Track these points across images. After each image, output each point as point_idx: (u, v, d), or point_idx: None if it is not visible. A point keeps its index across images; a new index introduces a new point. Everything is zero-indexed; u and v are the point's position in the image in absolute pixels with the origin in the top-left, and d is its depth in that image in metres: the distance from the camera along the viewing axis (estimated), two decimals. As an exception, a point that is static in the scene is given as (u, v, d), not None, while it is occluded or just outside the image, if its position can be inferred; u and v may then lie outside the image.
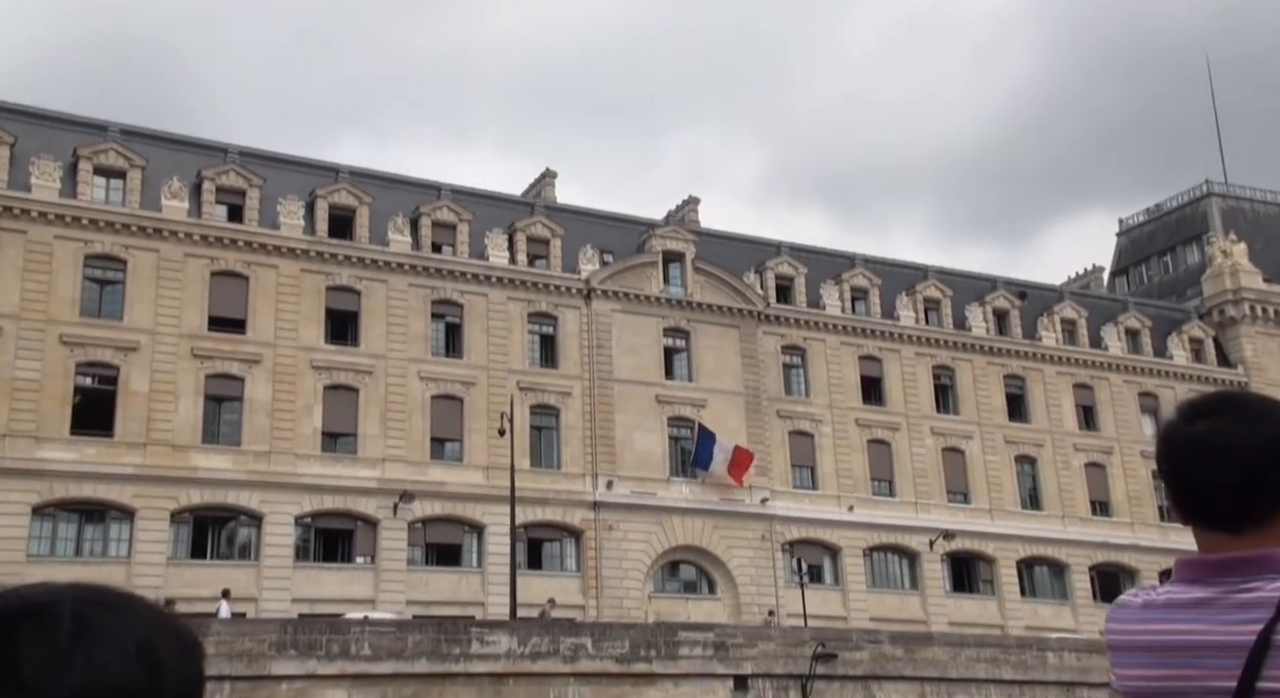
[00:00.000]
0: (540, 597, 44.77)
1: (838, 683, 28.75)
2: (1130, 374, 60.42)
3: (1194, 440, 2.04)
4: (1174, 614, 1.99)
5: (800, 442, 52.92)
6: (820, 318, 54.65)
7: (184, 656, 1.28)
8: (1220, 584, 1.95)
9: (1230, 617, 1.90)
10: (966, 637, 33.25)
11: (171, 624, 1.30)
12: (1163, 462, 2.09)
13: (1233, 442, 2.00)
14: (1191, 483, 2.03)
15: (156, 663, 1.24)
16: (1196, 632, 1.93)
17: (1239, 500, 1.98)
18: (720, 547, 49.21)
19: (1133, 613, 2.07)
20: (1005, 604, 53.71)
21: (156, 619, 1.29)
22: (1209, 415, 2.06)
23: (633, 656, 27.00)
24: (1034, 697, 30.44)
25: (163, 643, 1.26)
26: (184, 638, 1.30)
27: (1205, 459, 2.01)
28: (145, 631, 1.26)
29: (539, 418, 47.93)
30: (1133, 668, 2.03)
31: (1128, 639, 2.05)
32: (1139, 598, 2.08)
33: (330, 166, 46.99)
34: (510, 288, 48.34)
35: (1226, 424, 2.02)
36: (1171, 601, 2.01)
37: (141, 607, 1.30)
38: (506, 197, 51.82)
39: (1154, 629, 2.00)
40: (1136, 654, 2.03)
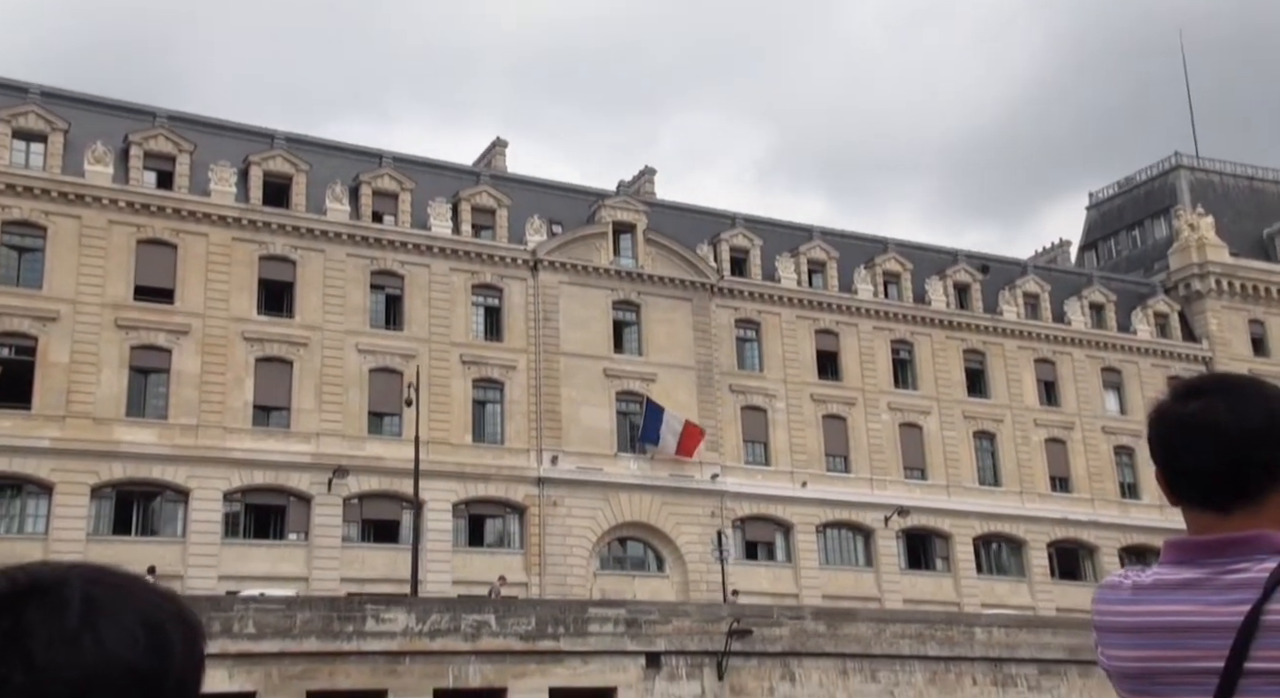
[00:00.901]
0: (482, 575, 43.85)
1: (755, 660, 27.83)
2: (1093, 349, 59.48)
3: (1185, 420, 2.04)
4: (1163, 595, 1.99)
5: (753, 417, 51.92)
6: (775, 291, 53.56)
7: (187, 635, 1.28)
8: (1209, 565, 1.95)
9: (1219, 598, 1.90)
10: (893, 612, 32.36)
11: (174, 604, 1.30)
12: (1154, 441, 2.09)
13: (1224, 422, 2.00)
14: (1182, 463, 2.03)
15: (164, 643, 1.24)
16: (1185, 613, 1.94)
17: (1230, 481, 1.98)
18: (669, 524, 48.25)
19: (1121, 594, 2.06)
20: (961, 581, 52.87)
21: (161, 599, 1.29)
22: (1201, 395, 2.06)
23: (539, 633, 26.03)
24: (960, 673, 29.61)
25: (168, 623, 1.26)
26: (186, 618, 1.30)
27: (1196, 439, 2.01)
28: (152, 611, 1.26)
29: (482, 392, 46.84)
30: (1121, 649, 2.03)
31: (1116, 621, 2.05)
32: (1128, 579, 2.08)
33: (266, 133, 45.62)
34: (454, 259, 47.13)
35: (1218, 404, 2.03)
36: (1160, 582, 2.01)
37: (145, 587, 1.30)
38: (452, 165, 50.54)
39: (1143, 610, 2.00)
40: (1125, 636, 2.02)
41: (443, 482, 44.43)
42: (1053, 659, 31.19)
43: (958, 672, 29.80)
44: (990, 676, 30.17)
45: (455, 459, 44.91)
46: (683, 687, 26.88)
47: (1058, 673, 30.90)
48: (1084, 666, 30.59)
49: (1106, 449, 58.01)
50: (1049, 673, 30.75)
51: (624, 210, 51.45)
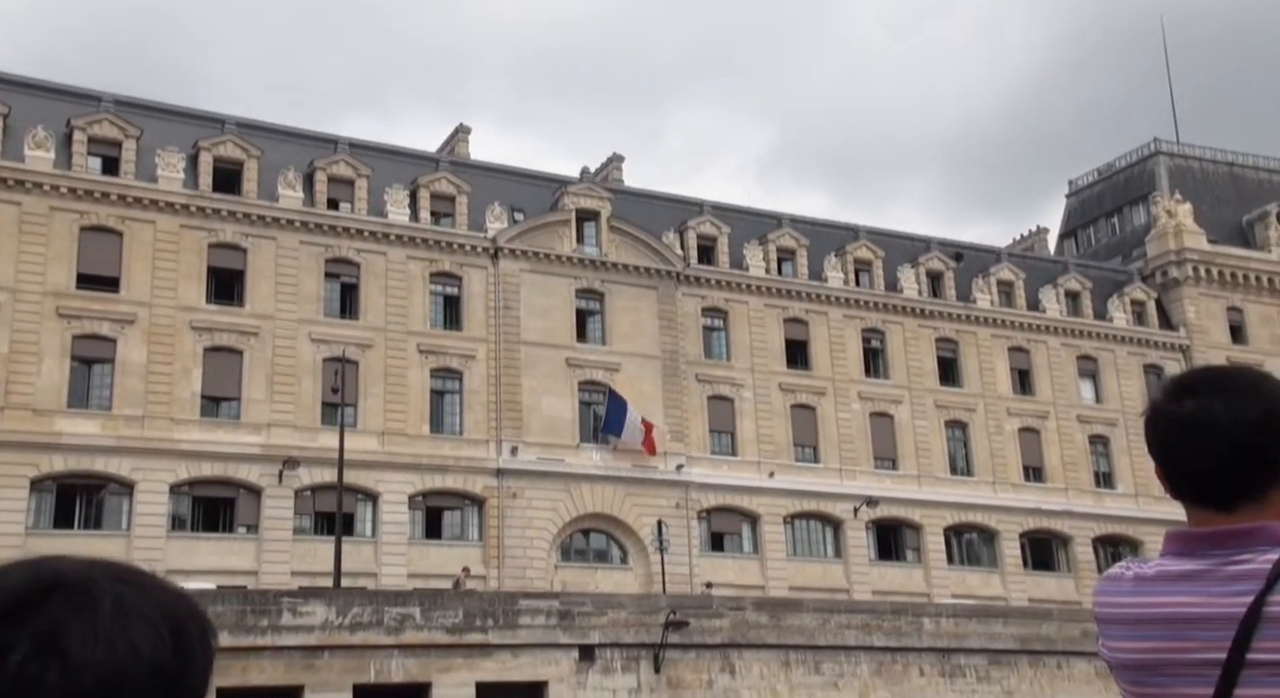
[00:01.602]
0: (439, 568, 43.12)
1: (693, 652, 27.05)
2: (1068, 337, 58.71)
3: (1182, 420, 2.01)
4: (1165, 587, 1.97)
5: (719, 407, 51.14)
6: (743, 279, 52.75)
7: (204, 634, 1.29)
8: (1211, 557, 1.93)
9: (1221, 589, 1.89)
10: (838, 602, 31.56)
11: (189, 602, 1.31)
12: (1152, 442, 2.07)
13: (1221, 420, 1.97)
14: (1182, 463, 2.01)
15: (186, 641, 1.26)
16: (1188, 604, 1.93)
17: (1230, 478, 1.96)
18: (632, 515, 47.48)
19: (1123, 586, 2.05)
20: (931, 573, 52.14)
21: (179, 599, 1.30)
22: (1195, 393, 2.03)
23: (466, 626, 25.20)
24: (907, 664, 28.82)
25: (188, 622, 1.28)
26: (200, 616, 1.31)
27: (1194, 439, 1.98)
28: (173, 609, 1.27)
29: (440, 382, 46.02)
30: (1124, 641, 2.02)
31: (1118, 612, 2.04)
32: (1129, 571, 2.07)
33: (216, 118, 44.72)
34: (411, 246, 46.30)
35: (1214, 402, 2.00)
36: (1162, 573, 1.99)
37: (162, 585, 1.31)
38: (410, 151, 49.69)
39: (1145, 602, 1.99)
40: (1127, 627, 2.01)
41: (399, 473, 43.67)
42: (1002, 650, 30.42)
43: (905, 663, 28.99)
44: (938, 666, 29.39)
45: (412, 450, 44.12)
46: (617, 680, 26.09)
47: (1008, 663, 30.13)
48: (1034, 656, 29.87)
49: (1081, 438, 57.28)
50: (999, 663, 29.99)
51: (587, 197, 50.62)
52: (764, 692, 27.28)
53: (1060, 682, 29.93)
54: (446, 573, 42.26)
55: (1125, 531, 56.08)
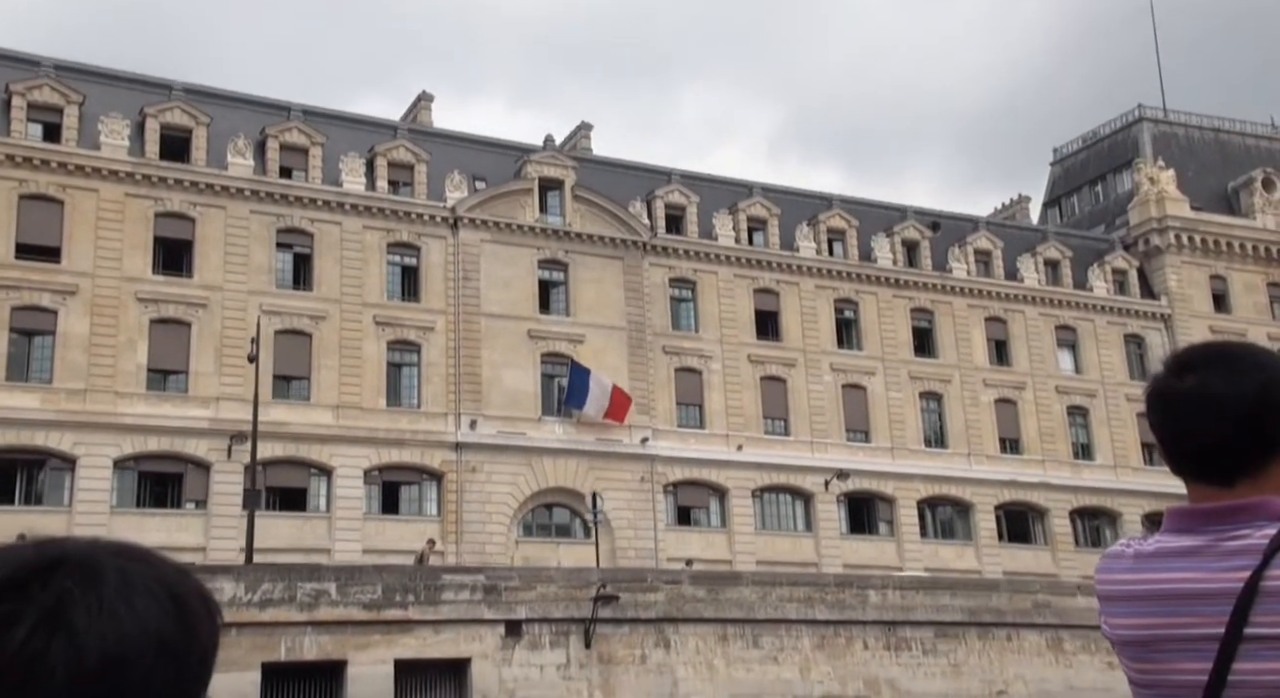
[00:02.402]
0: (395, 543, 42.27)
1: (627, 627, 26.17)
2: (1047, 307, 57.62)
3: (1183, 396, 2.02)
4: (1164, 563, 1.98)
5: (687, 379, 50.18)
6: (712, 249, 51.68)
7: (209, 609, 1.31)
8: (1210, 532, 1.94)
9: (1219, 564, 1.90)
10: (779, 575, 30.66)
11: (192, 579, 1.32)
12: (1153, 417, 2.07)
13: (1222, 395, 1.98)
14: (1182, 438, 2.01)
15: (189, 614, 1.27)
16: (1186, 580, 1.93)
17: (1231, 454, 1.96)
18: (595, 489, 46.58)
19: (1124, 563, 2.05)
20: (904, 546, 51.27)
21: (182, 575, 1.31)
22: (1196, 369, 2.04)
23: (385, 601, 24.31)
24: (850, 637, 27.93)
25: (192, 596, 1.29)
26: (204, 592, 1.32)
27: (1195, 414, 1.99)
28: (177, 584, 1.29)
29: (397, 354, 45.07)
30: (1124, 617, 2.03)
31: (1119, 589, 2.04)
32: (1130, 548, 2.08)
33: (163, 83, 43.60)
34: (367, 216, 45.25)
35: (1214, 378, 2.01)
36: (1161, 549, 2.00)
37: (165, 561, 1.33)
38: (368, 119, 48.55)
39: (1145, 579, 1.99)
40: (1128, 604, 2.02)
41: (354, 447, 42.77)
42: (950, 622, 29.48)
43: (848, 636, 28.09)
44: (883, 640, 28.51)
45: (367, 424, 43.21)
46: (545, 655, 25.20)
47: (955, 636, 29.22)
48: (983, 628, 28.99)
49: (1059, 409, 56.30)
50: (946, 636, 29.07)
51: (551, 166, 49.53)
52: (700, 667, 26.44)
53: (1010, 654, 29.08)
54: (403, 549, 41.38)
55: (1103, 503, 55.18)
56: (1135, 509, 55.47)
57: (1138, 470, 56.56)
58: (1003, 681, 28.62)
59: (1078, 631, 29.63)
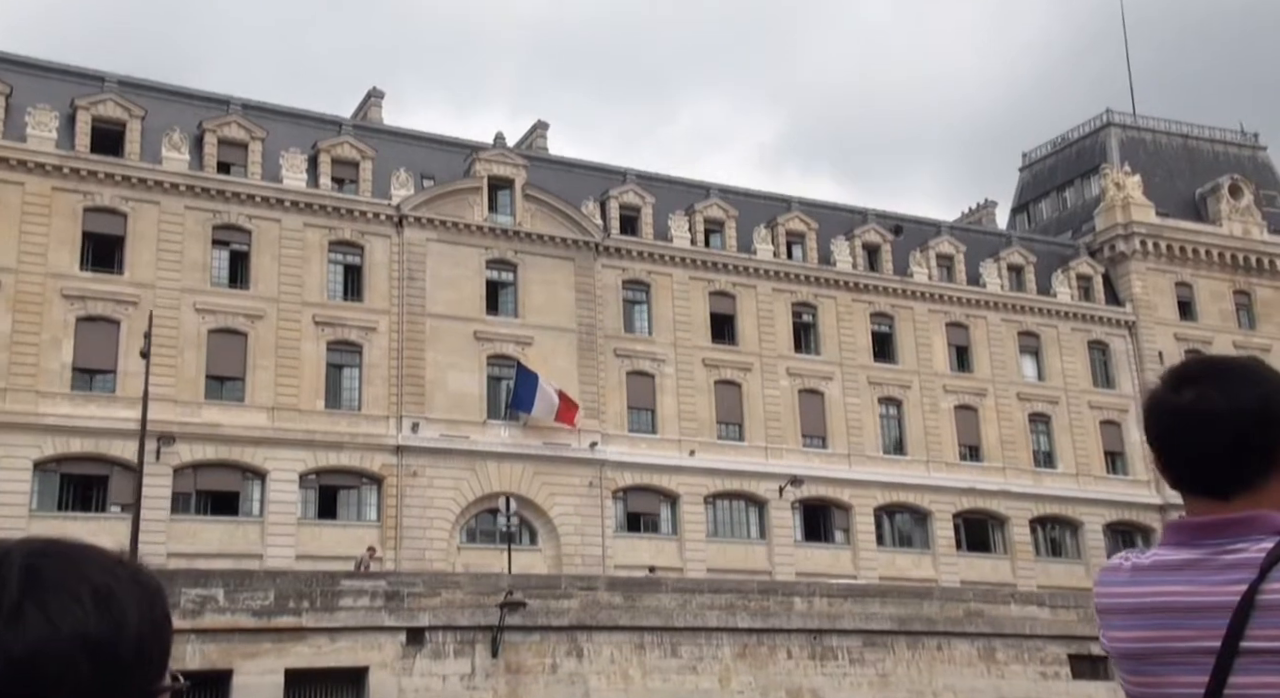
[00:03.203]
0: (332, 549, 41.12)
1: (537, 635, 25.03)
2: (1009, 312, 56.71)
3: (1181, 410, 2.00)
4: (1161, 576, 1.97)
5: (639, 382, 49.11)
6: (667, 250, 50.67)
7: (144, 599, 1.28)
8: (1207, 546, 1.93)
9: (1216, 578, 1.89)
10: (700, 582, 29.56)
11: (130, 570, 1.30)
12: (1151, 432, 2.07)
13: (1219, 410, 1.96)
14: (1181, 453, 2.01)
15: (114, 608, 1.24)
16: (1183, 593, 1.92)
17: (1228, 468, 1.95)
18: (542, 494, 45.48)
19: (1121, 576, 2.05)
20: (860, 554, 50.22)
21: (114, 566, 1.29)
22: (1194, 383, 2.02)
23: (277, 608, 23.15)
24: (774, 646, 26.78)
25: (120, 588, 1.26)
26: (145, 583, 1.30)
27: (1193, 429, 1.97)
28: (102, 577, 1.25)
29: (338, 355, 43.91)
30: (1122, 630, 2.01)
31: (1117, 602, 2.03)
32: (1128, 561, 2.06)
33: (95, 76, 42.48)
34: (308, 213, 44.13)
35: (1212, 392, 1.99)
36: (1159, 563, 1.99)
37: (98, 554, 1.30)
38: (312, 114, 47.39)
39: (1142, 592, 1.98)
40: (1125, 617, 2.01)
41: (290, 450, 41.59)
42: (878, 630, 28.39)
43: (771, 645, 26.95)
44: (808, 648, 27.40)
45: (304, 426, 42.03)
46: (448, 665, 24.04)
47: (883, 645, 28.10)
48: (913, 636, 27.88)
49: (1021, 416, 55.35)
50: (874, 645, 27.96)
51: (501, 164, 48.49)
52: (614, 677, 25.29)
53: (940, 664, 28.00)
54: (340, 555, 40.22)
55: (1065, 511, 54.23)
56: (1097, 518, 54.56)
57: (1100, 479, 55.66)
58: (931, 691, 27.54)
59: (1010, 640, 28.58)
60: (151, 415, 39.26)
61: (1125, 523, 55.22)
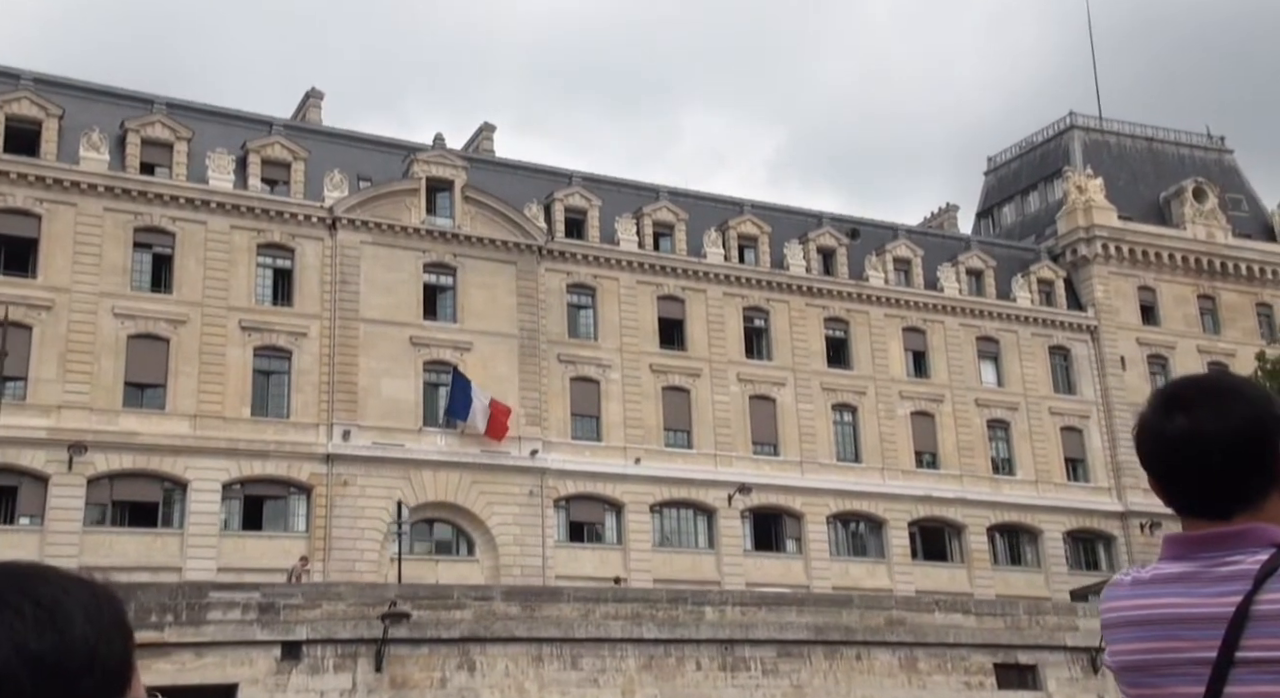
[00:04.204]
0: (256, 561, 39.61)
1: (426, 647, 23.62)
2: (968, 317, 55.45)
3: (1174, 437, 2.00)
4: (1160, 589, 1.99)
5: (583, 389, 47.75)
6: (613, 254, 49.37)
7: (93, 608, 1.28)
8: (1203, 558, 1.96)
9: (1212, 590, 1.91)
10: (603, 591, 28.19)
11: (83, 583, 1.31)
12: (1144, 458, 2.08)
13: (1213, 435, 1.96)
14: (1176, 477, 2.01)
15: (59, 619, 1.23)
16: (1180, 605, 1.94)
17: (1225, 490, 1.96)
18: (479, 504, 44.03)
19: (1123, 590, 2.07)
20: (812, 564, 48.82)
21: (62, 580, 1.29)
22: (1184, 407, 2.02)
23: (138, 622, 21.78)
24: (682, 657, 25.37)
25: (67, 600, 1.26)
26: (97, 593, 1.30)
27: (1187, 454, 1.98)
28: (47, 591, 1.26)
29: (266, 361, 42.45)
30: (1122, 643, 2.03)
31: (1118, 616, 2.05)
32: (1129, 576, 2.09)
33: (10, 73, 41.18)
34: (235, 215, 42.77)
35: (1203, 417, 1.99)
36: (1157, 576, 2.02)
37: (48, 571, 1.30)
38: (241, 115, 46.02)
39: (1141, 605, 2.00)
40: (1126, 630, 2.02)
41: (213, 459, 40.10)
42: (794, 640, 26.95)
43: (679, 656, 25.52)
44: (719, 659, 25.98)
45: (229, 435, 40.56)
46: (327, 680, 22.56)
47: (799, 655, 26.66)
48: (831, 646, 26.49)
49: (979, 423, 54.05)
50: (789, 655, 26.52)
51: (440, 165, 47.17)
52: (508, 690, 23.82)
53: (858, 674, 26.58)
54: (266, 567, 38.71)
55: (1024, 518, 52.90)
56: (1057, 526, 53.24)
57: (1060, 486, 54.36)
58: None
59: (934, 649, 27.14)
60: (65, 424, 37.94)
61: (1086, 531, 53.94)
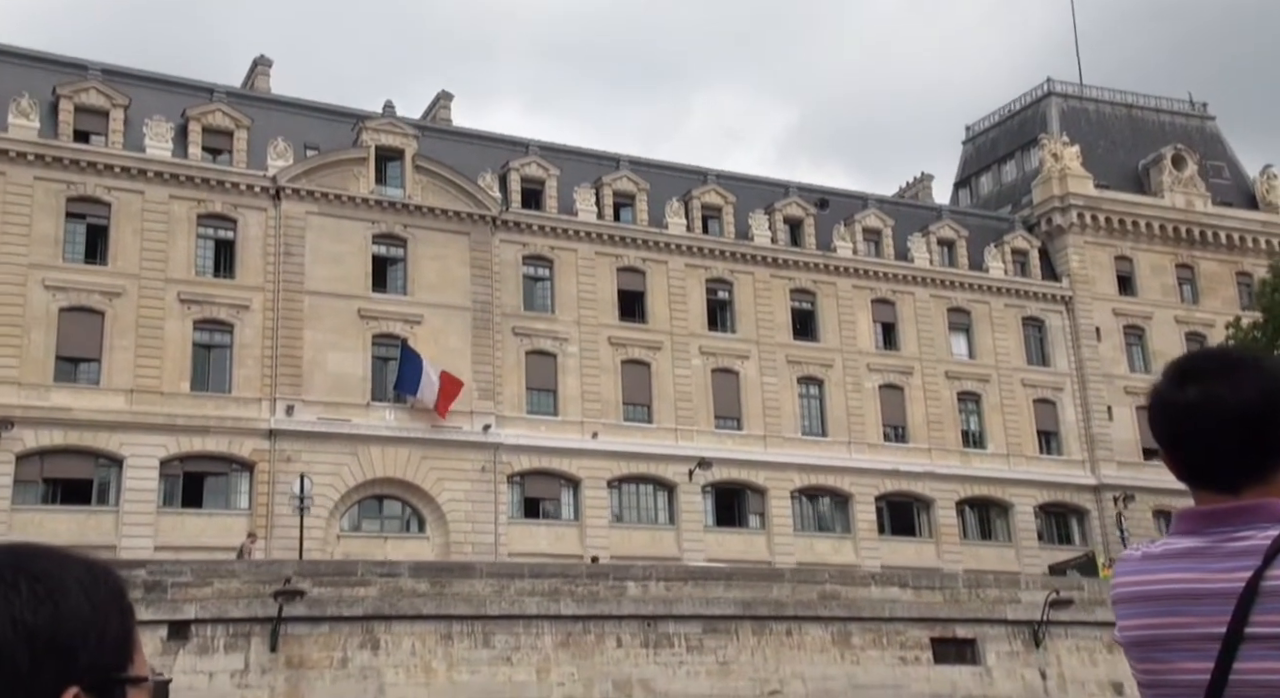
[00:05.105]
0: (196, 539, 38.54)
1: (326, 626, 22.49)
2: (939, 288, 54.15)
3: (1187, 406, 2.00)
4: (1169, 564, 1.99)
5: (540, 362, 46.53)
6: (571, 224, 48.05)
7: (90, 582, 1.31)
8: (1213, 534, 1.95)
9: (1222, 565, 1.91)
10: (517, 567, 27.08)
11: (79, 560, 1.34)
12: (1157, 429, 2.07)
13: (1225, 404, 1.95)
14: (1188, 448, 2.01)
15: (55, 593, 1.27)
16: (1190, 580, 1.94)
17: (1236, 463, 1.96)
18: (429, 480, 42.87)
19: (1133, 565, 2.06)
20: (775, 539, 47.69)
21: (58, 556, 1.33)
22: (1198, 378, 2.02)
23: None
24: (601, 633, 24.24)
25: (64, 575, 1.30)
26: (95, 570, 1.34)
27: (1200, 426, 1.97)
28: (43, 566, 1.29)
29: (206, 334, 41.24)
30: (1132, 618, 2.02)
31: (1128, 591, 2.04)
32: (1139, 550, 2.09)
33: (-67, 40, 39.94)
34: (174, 185, 41.45)
35: (1216, 387, 1.98)
36: (1168, 551, 2.01)
37: (43, 548, 1.34)
38: (183, 82, 44.55)
39: (1151, 580, 2.00)
40: (1135, 605, 2.02)
41: (149, 436, 38.91)
42: (720, 616, 25.76)
43: (599, 632, 24.39)
44: (640, 636, 24.86)
45: (166, 410, 39.36)
46: (217, 661, 21.41)
47: (725, 631, 25.50)
48: (760, 621, 25.33)
49: (949, 395, 52.81)
50: (715, 631, 25.37)
51: (389, 134, 45.81)
52: (414, 669, 22.71)
53: (788, 650, 25.40)
54: (206, 545, 37.69)
55: (994, 492, 51.71)
56: (1028, 500, 52.09)
57: (1032, 459, 53.16)
58: (778, 679, 24.97)
59: (869, 623, 25.95)
60: (-8, 399, 36.80)
61: (1058, 504, 52.78)
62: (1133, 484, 52.59)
